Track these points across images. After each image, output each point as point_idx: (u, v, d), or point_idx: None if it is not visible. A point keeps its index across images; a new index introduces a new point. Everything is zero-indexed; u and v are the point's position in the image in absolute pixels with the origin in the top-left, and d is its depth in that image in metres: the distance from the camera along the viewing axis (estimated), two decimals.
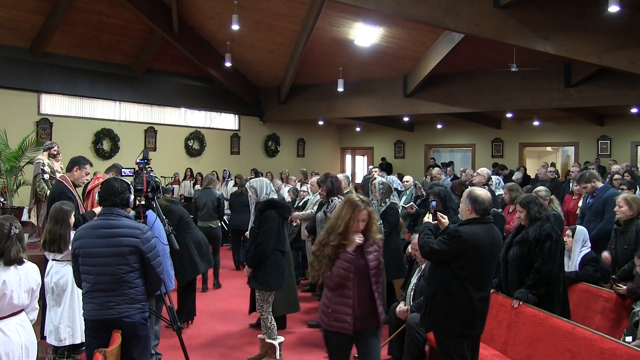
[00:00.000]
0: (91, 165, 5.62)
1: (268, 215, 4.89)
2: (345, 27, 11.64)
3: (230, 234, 10.06)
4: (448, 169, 13.51)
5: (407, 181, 8.91)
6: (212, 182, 8.63)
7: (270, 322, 4.95)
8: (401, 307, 4.82)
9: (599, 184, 6.25)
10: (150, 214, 4.43)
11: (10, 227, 3.31)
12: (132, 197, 3.62)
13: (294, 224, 7.65)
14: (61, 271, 4.57)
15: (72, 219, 4.61)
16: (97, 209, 4.77)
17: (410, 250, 5.26)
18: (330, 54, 12.98)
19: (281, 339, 5.04)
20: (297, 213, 7.42)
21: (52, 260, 4.64)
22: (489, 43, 9.89)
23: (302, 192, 8.58)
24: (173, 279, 4.96)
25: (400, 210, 6.84)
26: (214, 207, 8.09)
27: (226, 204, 9.64)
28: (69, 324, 4.57)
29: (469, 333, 3.59)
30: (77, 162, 5.46)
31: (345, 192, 6.77)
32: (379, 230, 3.66)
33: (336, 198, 6.00)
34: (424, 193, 8.00)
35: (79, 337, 4.56)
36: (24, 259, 3.35)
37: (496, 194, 7.21)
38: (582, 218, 6.29)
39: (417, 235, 4.02)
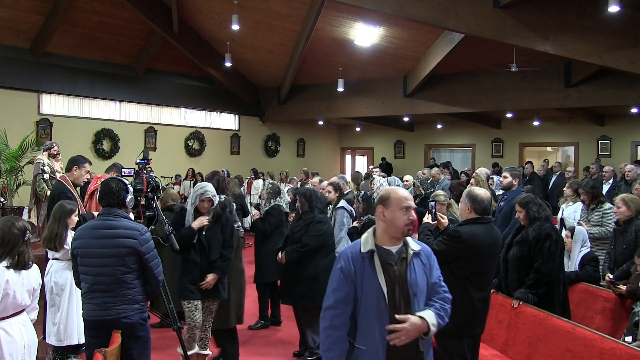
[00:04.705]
0: (90, 163, 5.61)
1: None
2: (345, 27, 11.64)
3: None
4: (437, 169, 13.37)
5: (407, 181, 8.91)
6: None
7: None
8: None
9: (515, 187, 5.74)
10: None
11: (25, 230, 3.31)
12: (129, 196, 3.58)
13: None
14: (60, 270, 4.56)
15: (75, 219, 4.60)
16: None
17: (280, 255, 5.21)
18: (330, 54, 12.97)
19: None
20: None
21: (52, 259, 4.64)
22: (489, 43, 9.88)
23: None
24: None
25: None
26: None
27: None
28: (68, 324, 4.56)
29: (470, 333, 3.58)
30: (76, 162, 5.46)
31: (345, 192, 6.75)
32: None
33: (223, 196, 5.96)
34: (423, 192, 8.01)
35: (78, 338, 4.55)
36: (31, 263, 3.36)
37: (497, 194, 7.17)
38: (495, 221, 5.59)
39: (416, 236, 4.01)
